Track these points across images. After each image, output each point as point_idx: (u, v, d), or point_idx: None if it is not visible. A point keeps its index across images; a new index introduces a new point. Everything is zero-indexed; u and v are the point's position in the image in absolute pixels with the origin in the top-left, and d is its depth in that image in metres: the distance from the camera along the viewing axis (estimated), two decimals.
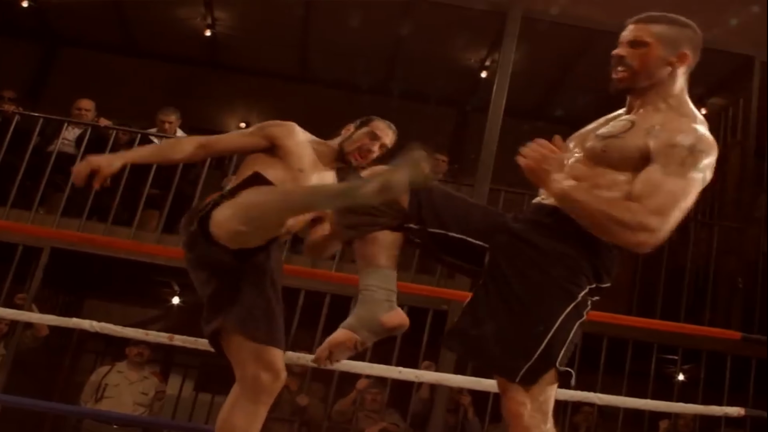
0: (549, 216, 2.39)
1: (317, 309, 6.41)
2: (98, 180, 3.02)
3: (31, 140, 7.08)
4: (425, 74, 9.30)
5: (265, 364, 2.96)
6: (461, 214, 2.45)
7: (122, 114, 7.81)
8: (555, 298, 2.31)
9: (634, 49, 2.43)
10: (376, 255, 2.47)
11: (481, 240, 2.43)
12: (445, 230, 2.43)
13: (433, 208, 2.42)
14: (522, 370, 2.26)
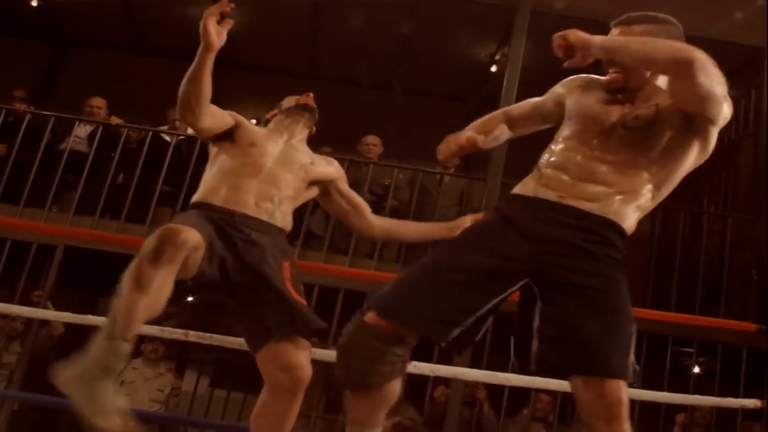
0: (581, 220, 2.39)
1: (331, 305, 6.42)
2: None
3: (43, 139, 7.10)
4: (434, 70, 9.29)
5: (279, 364, 2.93)
6: (448, 303, 2.37)
7: (133, 112, 7.82)
8: (627, 297, 2.37)
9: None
10: (371, 414, 2.47)
11: (502, 288, 2.40)
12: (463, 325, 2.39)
13: (433, 318, 2.37)
14: (629, 368, 2.30)
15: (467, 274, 2.38)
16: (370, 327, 2.36)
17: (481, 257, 2.40)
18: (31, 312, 5.55)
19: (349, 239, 7.04)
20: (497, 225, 2.48)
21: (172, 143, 7.23)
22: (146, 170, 7.06)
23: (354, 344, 2.38)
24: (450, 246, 2.50)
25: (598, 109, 2.51)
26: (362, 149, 7.55)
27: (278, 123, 3.39)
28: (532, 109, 2.75)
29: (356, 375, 2.38)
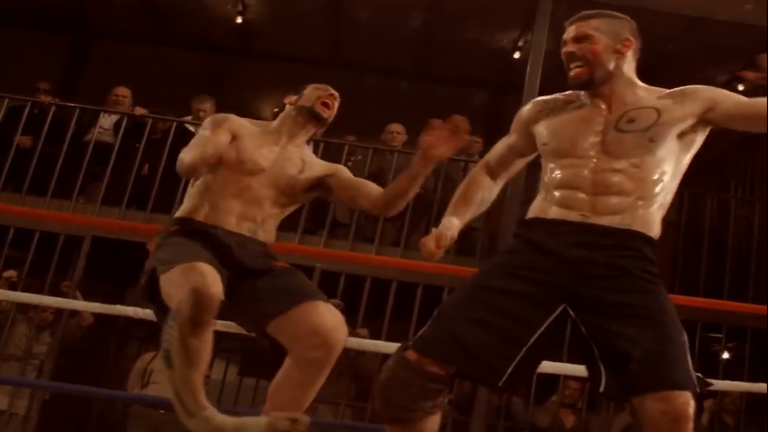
0: (609, 237, 2.37)
1: (358, 293, 6.44)
2: None
3: (68, 131, 7.13)
4: (457, 57, 9.26)
5: (310, 327, 2.81)
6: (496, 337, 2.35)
7: (157, 103, 7.85)
8: (671, 307, 2.37)
9: (581, 44, 2.53)
10: None
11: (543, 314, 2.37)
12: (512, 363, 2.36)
13: (479, 357, 2.35)
14: (693, 378, 2.27)
15: (506, 302, 2.36)
16: (412, 365, 2.35)
17: (516, 285, 2.38)
18: (61, 302, 5.60)
19: (374, 227, 7.04)
20: (524, 253, 2.44)
21: (197, 133, 7.23)
22: (171, 160, 7.07)
23: (395, 380, 2.36)
24: (483, 278, 2.46)
25: (575, 122, 2.52)
26: (386, 138, 7.54)
27: (285, 120, 3.25)
28: (507, 151, 2.71)
29: (397, 410, 2.36)
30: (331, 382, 6.27)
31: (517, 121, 2.69)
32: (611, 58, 2.52)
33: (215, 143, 3.02)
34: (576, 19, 2.59)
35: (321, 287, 6.56)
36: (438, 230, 2.57)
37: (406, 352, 2.38)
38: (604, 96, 2.52)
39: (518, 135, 2.68)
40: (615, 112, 2.48)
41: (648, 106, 2.46)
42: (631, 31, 2.59)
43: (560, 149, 2.50)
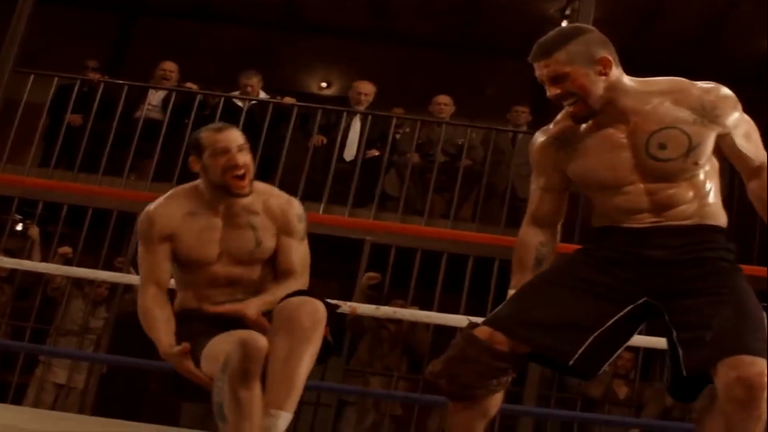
0: (683, 236, 2.38)
1: (408, 265, 6.43)
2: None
3: (117, 108, 7.19)
4: (504, 26, 9.19)
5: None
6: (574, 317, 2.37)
7: (204, 79, 7.87)
8: (749, 290, 2.34)
9: (562, 84, 2.39)
10: (472, 425, 2.43)
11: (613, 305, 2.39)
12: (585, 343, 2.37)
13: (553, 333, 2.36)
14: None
15: (586, 286, 2.39)
16: (481, 342, 2.36)
17: (596, 276, 2.41)
18: (116, 277, 5.67)
19: (424, 199, 7.03)
20: (605, 251, 2.45)
21: (245, 108, 7.27)
22: None
23: (463, 357, 2.37)
24: (563, 266, 2.48)
25: (603, 153, 2.43)
26: (434, 109, 7.50)
27: (207, 191, 2.92)
28: (544, 194, 2.59)
29: (463, 387, 2.37)
30: (383, 354, 6.35)
31: (538, 162, 2.58)
32: (599, 82, 2.37)
33: (156, 278, 2.87)
34: (539, 57, 2.41)
35: (371, 261, 6.64)
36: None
37: (475, 329, 2.38)
38: (613, 116, 2.42)
39: (547, 176, 2.57)
40: (635, 132, 2.40)
41: (669, 125, 2.37)
42: (599, 43, 2.40)
43: (602, 184, 2.45)
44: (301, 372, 2.56)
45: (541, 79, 2.42)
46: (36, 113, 7.28)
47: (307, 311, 2.59)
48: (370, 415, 6.27)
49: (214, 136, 2.90)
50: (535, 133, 2.62)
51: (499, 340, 2.35)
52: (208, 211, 2.90)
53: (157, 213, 2.90)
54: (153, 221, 2.89)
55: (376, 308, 4.73)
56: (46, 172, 7.04)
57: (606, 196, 2.45)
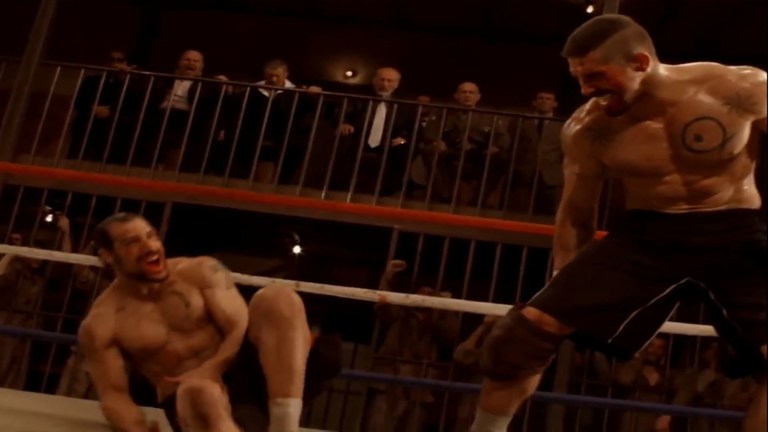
0: (720, 221, 2.37)
1: (437, 253, 6.43)
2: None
3: (144, 99, 7.22)
4: (529, 13, 9.13)
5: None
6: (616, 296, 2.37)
7: (229, 69, 7.88)
8: None
9: (597, 81, 2.33)
10: (508, 404, 2.45)
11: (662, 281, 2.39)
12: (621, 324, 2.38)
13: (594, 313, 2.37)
14: None
15: (628, 265, 2.39)
16: (530, 323, 2.36)
17: (638, 256, 2.40)
18: None
19: (451, 188, 7.01)
20: (645, 233, 2.44)
21: (271, 98, 7.28)
22: (246, 126, 7.14)
23: (511, 338, 2.37)
24: (605, 246, 2.48)
25: (639, 144, 2.40)
26: (459, 97, 7.47)
27: (124, 283, 2.95)
28: (579, 181, 2.57)
29: (507, 367, 2.38)
30: (412, 342, 6.35)
31: (572, 151, 2.56)
32: (635, 77, 2.32)
33: (112, 383, 2.85)
34: (573, 54, 2.35)
35: (399, 249, 6.64)
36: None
37: (524, 310, 2.39)
38: (650, 107, 2.38)
39: (581, 164, 2.55)
40: (671, 123, 2.37)
41: (704, 115, 2.34)
42: (636, 38, 2.32)
43: (639, 174, 2.44)
44: (296, 357, 2.57)
45: (575, 75, 2.37)
46: (63, 105, 7.32)
47: (285, 302, 2.61)
48: (401, 403, 6.28)
49: (123, 227, 2.89)
50: (568, 121, 2.58)
51: (548, 321, 2.35)
52: (136, 300, 2.91)
53: (92, 324, 2.90)
54: (92, 333, 2.88)
55: (406, 296, 4.71)
56: (74, 163, 7.08)
57: (643, 184, 2.44)
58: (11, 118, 7.19)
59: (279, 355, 2.56)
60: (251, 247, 8.34)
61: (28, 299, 6.70)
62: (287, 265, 8.64)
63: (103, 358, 2.86)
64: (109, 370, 2.85)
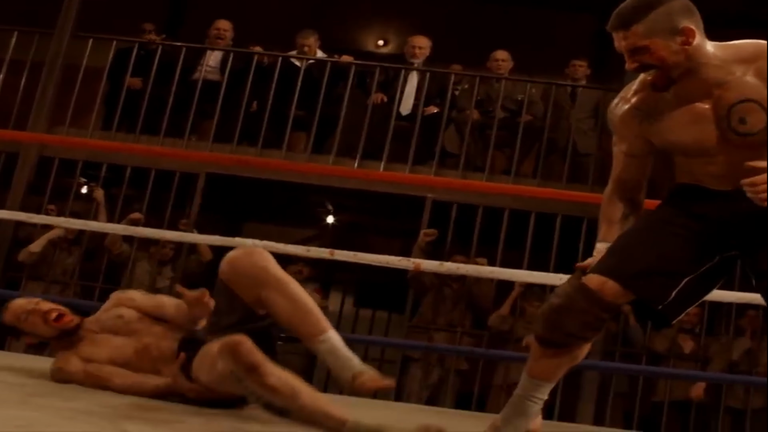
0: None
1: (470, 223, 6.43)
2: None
3: (175, 70, 7.23)
4: None
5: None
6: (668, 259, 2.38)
7: (260, 39, 7.87)
8: None
9: (640, 56, 2.30)
10: (556, 371, 2.48)
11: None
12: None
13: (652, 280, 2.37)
14: None
15: (682, 230, 2.40)
16: (592, 293, 2.36)
17: (692, 224, 2.41)
18: (181, 236, 5.74)
19: (485, 156, 6.98)
20: (696, 205, 2.44)
21: (303, 68, 7.26)
22: (279, 96, 7.13)
23: (571, 307, 2.37)
24: (662, 214, 2.49)
25: (686, 125, 2.38)
26: (492, 65, 7.41)
27: (63, 343, 3.15)
28: (628, 159, 2.57)
29: (563, 336, 2.39)
30: (447, 311, 6.36)
31: (620, 131, 2.55)
32: (680, 53, 2.29)
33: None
34: (617, 28, 2.33)
35: (432, 218, 6.63)
36: (591, 259, 2.53)
37: (586, 279, 2.39)
38: (697, 87, 2.35)
39: (629, 143, 2.54)
40: (718, 104, 2.34)
41: (749, 97, 2.30)
42: (682, 12, 2.30)
43: (687, 153, 2.43)
44: (307, 299, 2.74)
45: (620, 50, 2.35)
46: (96, 77, 7.36)
47: (267, 260, 2.78)
48: (435, 370, 6.30)
49: (18, 303, 3.15)
50: (615, 101, 2.56)
51: (610, 289, 2.35)
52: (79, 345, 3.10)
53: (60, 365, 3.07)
54: (63, 369, 3.05)
55: (440, 264, 4.71)
56: (108, 135, 7.11)
57: (691, 162, 2.44)
58: (45, 90, 7.25)
59: (295, 305, 2.70)
60: (284, 217, 8.37)
61: (64, 270, 6.77)
62: (321, 234, 8.67)
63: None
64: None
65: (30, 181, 7.08)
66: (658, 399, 6.28)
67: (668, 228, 2.42)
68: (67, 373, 3.01)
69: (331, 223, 8.81)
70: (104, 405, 2.49)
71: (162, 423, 2.28)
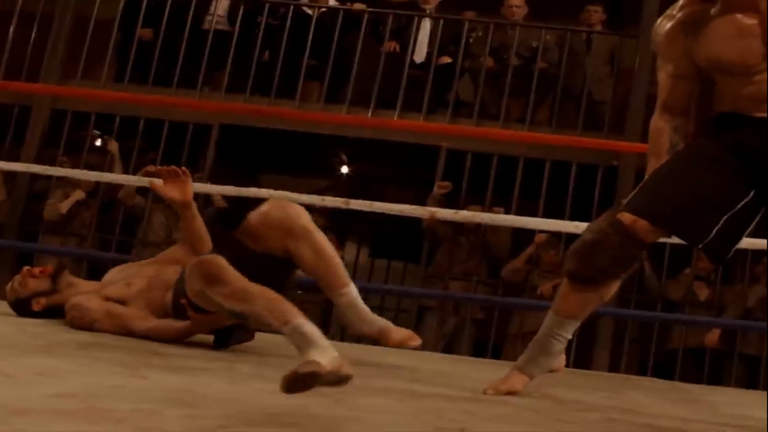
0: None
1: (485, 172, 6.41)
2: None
3: (187, 19, 7.17)
4: None
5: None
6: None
7: None
8: None
9: None
10: (583, 308, 2.45)
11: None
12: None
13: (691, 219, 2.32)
14: None
15: (717, 165, 2.33)
16: (626, 228, 2.33)
17: (729, 158, 2.34)
18: (196, 187, 5.71)
19: (499, 104, 6.93)
20: (734, 138, 2.37)
21: (314, 16, 7.20)
22: (291, 45, 7.09)
23: (604, 242, 2.34)
24: (696, 147, 2.43)
25: (733, 39, 2.32)
26: (506, 12, 7.33)
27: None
28: (675, 81, 2.49)
29: (594, 271, 2.36)
30: (462, 260, 6.37)
31: (667, 50, 2.48)
32: None
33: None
34: None
35: (447, 167, 6.61)
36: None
37: (619, 214, 2.35)
38: (743, 1, 2.31)
39: (676, 62, 2.48)
40: (765, 19, 2.29)
41: None
42: None
43: (731, 71, 2.36)
44: (333, 252, 2.86)
45: None
46: (107, 29, 7.31)
47: (300, 213, 2.85)
48: (451, 319, 6.32)
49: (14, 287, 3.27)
50: (659, 20, 2.51)
51: (642, 226, 2.32)
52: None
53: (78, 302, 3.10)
54: (82, 305, 3.08)
55: (455, 212, 4.70)
56: (120, 87, 7.09)
57: (733, 83, 2.37)
58: (56, 42, 7.23)
59: (321, 257, 2.81)
60: (299, 168, 8.36)
61: (82, 223, 6.80)
62: (335, 185, 8.67)
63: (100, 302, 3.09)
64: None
65: (44, 134, 7.09)
66: (672, 346, 6.30)
67: (703, 161, 2.35)
68: (86, 309, 3.02)
69: (345, 173, 8.81)
70: (124, 352, 2.51)
71: (183, 370, 2.29)
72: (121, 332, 2.95)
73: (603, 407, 2.52)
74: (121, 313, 3.00)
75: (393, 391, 1.75)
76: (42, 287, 3.21)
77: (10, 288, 3.26)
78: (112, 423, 1.46)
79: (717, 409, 2.97)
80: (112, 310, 3.01)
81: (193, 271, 2.43)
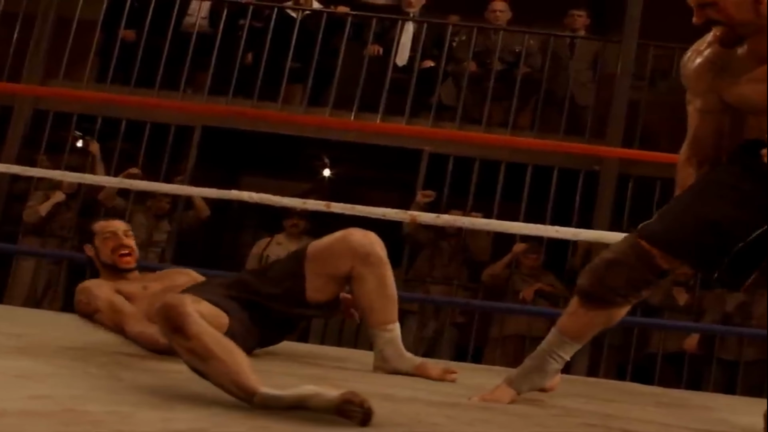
0: None
1: (467, 177, 6.42)
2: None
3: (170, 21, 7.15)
4: None
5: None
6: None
7: None
8: None
9: (706, 10, 2.22)
10: (588, 329, 2.44)
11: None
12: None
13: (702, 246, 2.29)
14: None
15: (734, 193, 2.31)
16: (646, 253, 2.32)
17: (747, 186, 2.32)
18: (177, 189, 5.73)
19: (482, 109, 6.94)
20: (749, 171, 2.35)
21: (298, 19, 7.20)
22: (274, 48, 7.08)
23: (623, 263, 2.34)
24: (715, 176, 2.41)
25: (757, 89, 2.29)
26: (489, 17, 7.35)
27: (105, 273, 3.23)
28: (703, 117, 2.48)
29: (607, 291, 2.35)
30: (443, 264, 6.38)
31: (695, 86, 2.46)
32: (750, 9, 2.19)
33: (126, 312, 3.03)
34: None
35: (429, 171, 6.62)
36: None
37: (640, 239, 2.34)
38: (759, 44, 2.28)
39: (704, 99, 2.45)
40: None
41: None
42: None
43: (756, 111, 2.34)
44: (394, 289, 2.96)
45: (690, 3, 2.28)
46: (89, 29, 7.28)
47: (379, 245, 2.92)
48: (432, 323, 6.32)
49: (103, 224, 3.33)
50: (688, 54, 2.47)
51: (659, 254, 2.31)
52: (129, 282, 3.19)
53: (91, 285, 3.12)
54: (90, 290, 3.07)
55: (437, 216, 4.71)
56: (102, 88, 7.05)
57: (760, 119, 2.34)
58: (38, 42, 7.20)
59: (383, 289, 2.91)
60: (281, 170, 8.35)
61: (62, 225, 6.77)
62: (317, 188, 8.66)
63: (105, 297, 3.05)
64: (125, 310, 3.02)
65: (25, 135, 7.06)
66: (652, 351, 6.32)
67: (720, 189, 2.33)
68: (94, 296, 3.00)
69: (327, 176, 8.80)
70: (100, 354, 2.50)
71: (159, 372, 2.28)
72: (116, 330, 2.94)
73: (582, 412, 2.52)
74: (121, 309, 2.97)
75: (371, 395, 1.75)
76: (103, 258, 3.20)
77: (105, 224, 3.29)
78: (88, 425, 1.46)
79: (696, 413, 2.98)
80: (115, 303, 3.00)
81: (159, 313, 2.21)
